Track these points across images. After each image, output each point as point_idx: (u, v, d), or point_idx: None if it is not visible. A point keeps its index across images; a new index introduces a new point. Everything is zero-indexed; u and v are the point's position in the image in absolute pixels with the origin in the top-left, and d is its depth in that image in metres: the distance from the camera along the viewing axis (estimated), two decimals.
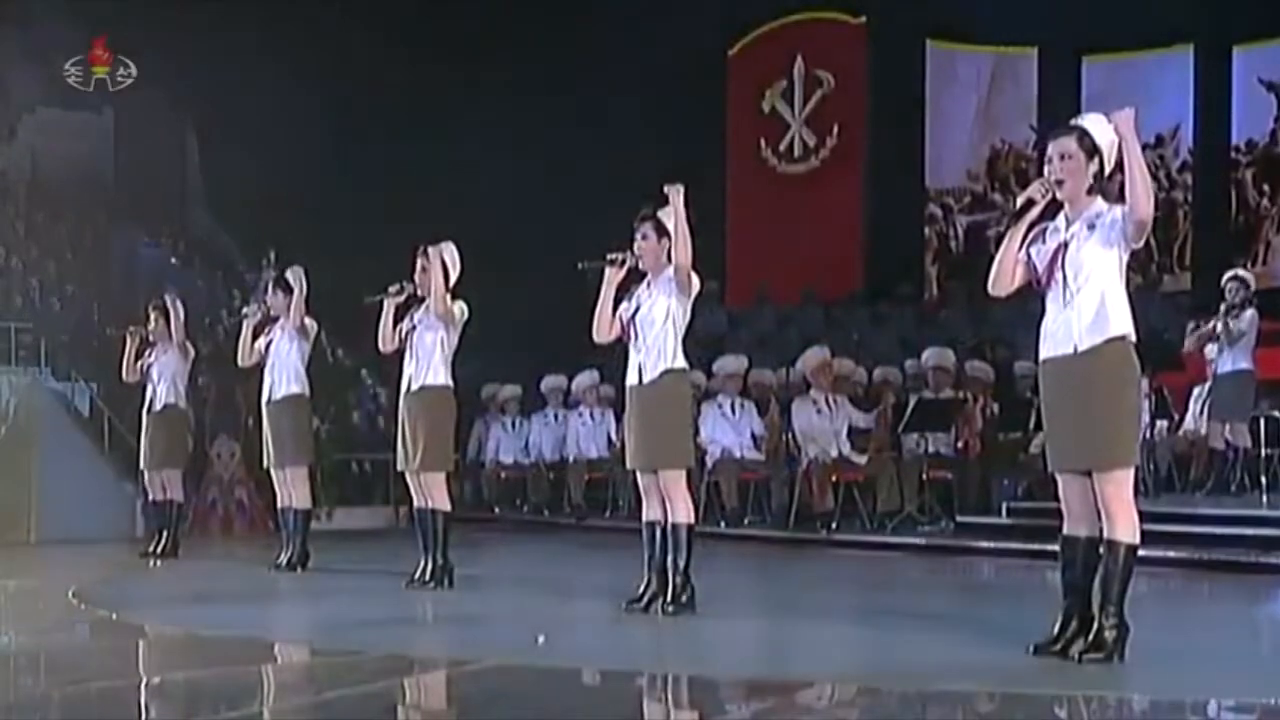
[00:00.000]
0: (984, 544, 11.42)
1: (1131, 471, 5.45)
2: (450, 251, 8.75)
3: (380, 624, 7.42)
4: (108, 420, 15.22)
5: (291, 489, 10.30)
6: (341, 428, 16.68)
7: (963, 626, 5.47)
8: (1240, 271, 12.33)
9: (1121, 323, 5.39)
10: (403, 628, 7.38)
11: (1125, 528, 5.35)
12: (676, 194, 7.09)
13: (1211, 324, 11.88)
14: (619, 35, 19.98)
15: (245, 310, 10.63)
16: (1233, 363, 11.73)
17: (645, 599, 7.22)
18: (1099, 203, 5.48)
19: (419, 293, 8.76)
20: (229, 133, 19.53)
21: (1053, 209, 5.57)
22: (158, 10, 17.95)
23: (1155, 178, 22.51)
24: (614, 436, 15.16)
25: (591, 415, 15.53)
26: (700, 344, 7.64)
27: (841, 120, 22.97)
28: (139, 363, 11.68)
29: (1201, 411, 12.38)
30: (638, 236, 7.29)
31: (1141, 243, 5.48)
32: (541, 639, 6.16)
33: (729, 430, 13.67)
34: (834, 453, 12.90)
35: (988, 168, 22.98)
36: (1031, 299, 5.86)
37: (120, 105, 19.88)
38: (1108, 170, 5.50)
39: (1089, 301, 5.39)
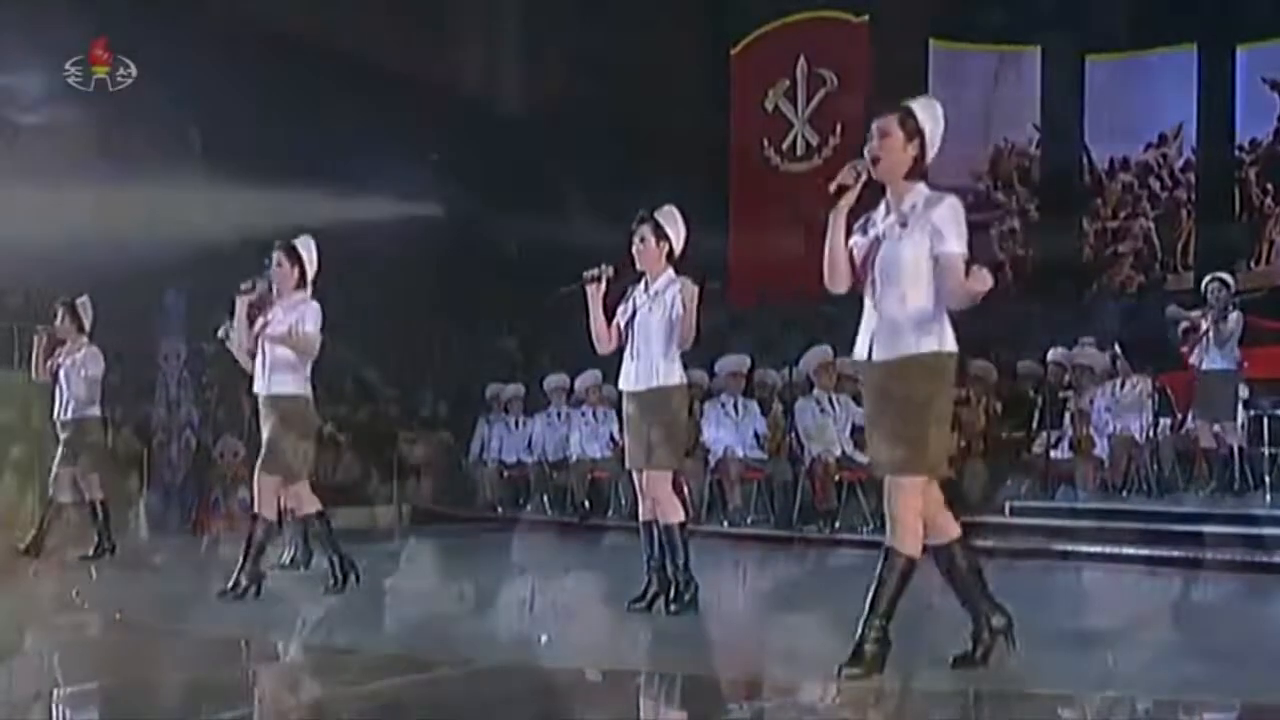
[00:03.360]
0: (987, 543, 11.41)
1: (919, 481, 5.10)
2: (309, 246, 8.53)
3: (380, 624, 7.41)
4: (111, 420, 15.20)
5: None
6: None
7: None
8: (1222, 274, 12.43)
9: (924, 339, 5.01)
10: (403, 628, 7.37)
11: (905, 538, 5.11)
12: (692, 295, 7.10)
13: (1198, 323, 11.99)
14: (623, 33, 19.94)
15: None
16: (1217, 361, 11.82)
17: (648, 598, 7.22)
18: (919, 190, 5.13)
19: (274, 289, 8.48)
20: (233, 132, 19.52)
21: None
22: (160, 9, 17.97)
23: (1159, 177, 22.53)
24: (616, 436, 15.18)
25: (594, 414, 15.53)
26: (702, 343, 7.62)
27: (844, 119, 22.92)
28: (49, 362, 11.28)
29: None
30: (635, 239, 7.26)
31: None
32: (544, 638, 6.15)
33: (732, 429, 13.68)
34: (837, 451, 12.90)
35: (990, 167, 22.97)
36: (1031, 298, 5.76)
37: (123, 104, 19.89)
38: (929, 157, 5.17)
39: (890, 308, 5.04)
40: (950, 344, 5.07)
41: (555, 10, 22.52)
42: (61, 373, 11.21)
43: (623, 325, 7.28)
